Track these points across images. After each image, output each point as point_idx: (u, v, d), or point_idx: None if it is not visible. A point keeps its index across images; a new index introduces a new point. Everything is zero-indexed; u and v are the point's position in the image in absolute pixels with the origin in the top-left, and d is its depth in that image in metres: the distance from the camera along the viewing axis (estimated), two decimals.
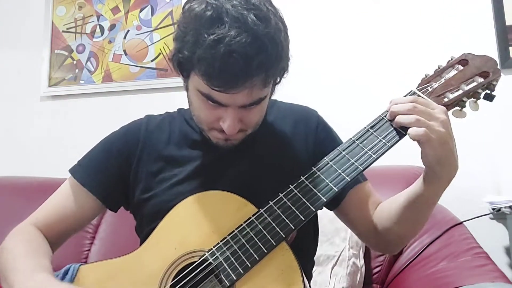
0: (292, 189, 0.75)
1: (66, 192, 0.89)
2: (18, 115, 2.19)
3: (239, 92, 0.71)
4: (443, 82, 0.79)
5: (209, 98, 0.75)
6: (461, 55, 0.81)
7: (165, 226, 0.79)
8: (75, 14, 2.19)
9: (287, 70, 0.80)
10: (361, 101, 1.67)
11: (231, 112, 0.75)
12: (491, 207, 1.49)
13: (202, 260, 0.73)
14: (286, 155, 0.88)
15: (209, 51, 0.69)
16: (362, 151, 0.74)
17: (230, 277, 0.70)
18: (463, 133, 1.64)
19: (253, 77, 0.70)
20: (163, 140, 0.90)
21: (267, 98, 0.80)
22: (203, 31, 0.69)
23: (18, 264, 0.74)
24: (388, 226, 0.83)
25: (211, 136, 0.82)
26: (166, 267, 0.74)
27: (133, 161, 0.89)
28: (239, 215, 0.75)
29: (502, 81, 1.19)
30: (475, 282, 0.93)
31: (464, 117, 0.79)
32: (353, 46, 1.80)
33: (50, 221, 0.86)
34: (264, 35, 0.69)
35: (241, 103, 0.74)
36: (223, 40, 0.67)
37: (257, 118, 0.81)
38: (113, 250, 1.54)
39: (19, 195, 1.75)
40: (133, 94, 2.03)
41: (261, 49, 0.69)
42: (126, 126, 0.95)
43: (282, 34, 0.74)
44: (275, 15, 0.74)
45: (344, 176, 0.73)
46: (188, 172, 0.86)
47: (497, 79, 0.78)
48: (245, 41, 0.68)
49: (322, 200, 0.73)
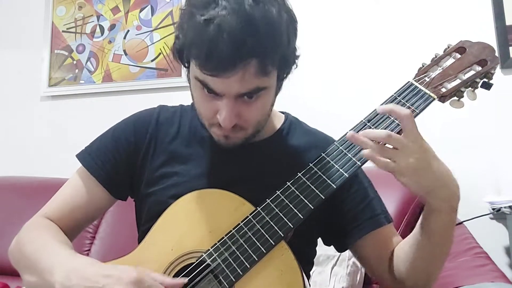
0: (289, 186, 0.73)
1: (76, 182, 0.87)
2: (18, 115, 2.19)
3: (231, 76, 0.68)
4: (441, 71, 0.77)
5: (205, 86, 0.72)
6: (458, 43, 0.79)
7: (162, 225, 0.77)
8: (75, 14, 2.19)
9: (294, 64, 0.77)
10: (360, 96, 1.67)
11: (226, 102, 0.72)
12: (491, 207, 1.49)
13: (200, 262, 0.71)
14: (291, 173, 0.78)
15: (198, 32, 0.67)
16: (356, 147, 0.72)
17: (229, 279, 0.68)
18: (463, 133, 1.65)
19: (244, 60, 0.66)
20: (171, 134, 0.88)
21: (268, 91, 0.75)
22: (196, 13, 0.68)
23: (51, 250, 0.73)
24: (404, 272, 0.77)
25: (213, 133, 0.79)
26: (163, 269, 0.72)
27: (140, 152, 0.87)
28: (237, 214, 0.73)
29: (502, 81, 1.19)
30: (475, 282, 0.93)
31: (462, 107, 0.77)
32: (352, 42, 1.80)
33: (62, 213, 0.85)
34: (259, 19, 0.66)
35: (236, 90, 0.70)
36: (213, 20, 0.65)
37: (258, 115, 0.77)
38: (113, 250, 1.54)
39: (19, 195, 1.75)
40: (133, 94, 2.03)
41: (254, 31, 0.66)
42: (137, 114, 0.92)
43: (284, 23, 0.70)
44: (281, 4, 0.71)
45: (343, 173, 0.71)
46: (190, 172, 0.84)
47: (495, 67, 0.76)
48: (236, 22, 0.65)
49: (320, 198, 0.71)
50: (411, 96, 0.74)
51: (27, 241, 0.79)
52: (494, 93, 0.75)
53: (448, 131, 1.61)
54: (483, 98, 0.72)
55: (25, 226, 0.83)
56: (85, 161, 0.87)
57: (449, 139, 1.61)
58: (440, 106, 0.71)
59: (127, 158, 0.87)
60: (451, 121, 1.60)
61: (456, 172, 0.71)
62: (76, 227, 0.87)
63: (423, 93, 0.74)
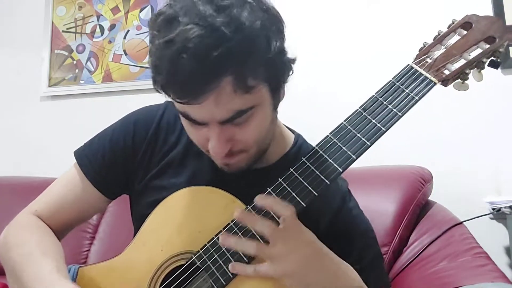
0: (281, 182, 0.68)
1: (69, 180, 0.84)
2: (18, 115, 2.19)
3: (203, 100, 0.58)
4: (444, 51, 0.70)
5: (185, 116, 0.65)
6: (464, 17, 0.72)
7: (152, 224, 0.75)
8: (75, 14, 2.18)
9: (287, 68, 0.67)
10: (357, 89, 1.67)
11: (212, 131, 0.63)
12: (491, 207, 1.48)
13: (190, 264, 0.70)
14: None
15: (159, 57, 0.58)
16: (355, 136, 0.67)
17: (219, 282, 0.66)
18: (463, 133, 1.65)
19: (215, 78, 0.57)
20: (170, 144, 0.82)
21: (260, 108, 0.65)
22: (157, 36, 0.60)
23: (35, 267, 0.69)
24: None
25: (215, 160, 0.72)
26: (153, 270, 0.71)
27: (137, 157, 0.83)
28: (227, 212, 0.70)
29: (502, 81, 1.19)
30: (475, 282, 0.93)
31: (466, 90, 0.70)
32: (350, 38, 1.80)
33: (52, 211, 0.82)
34: (225, 26, 0.56)
35: (219, 117, 0.61)
36: (173, 40, 0.56)
37: (254, 134, 0.67)
38: (113, 250, 1.53)
39: (19, 195, 1.74)
40: (133, 94, 2.03)
41: (220, 42, 0.55)
42: (139, 114, 0.86)
43: (259, 24, 0.59)
44: (254, 4, 0.61)
45: (337, 168, 0.66)
46: (180, 187, 0.77)
47: (504, 44, 0.69)
48: (196, 36, 0.55)
49: (313, 194, 0.66)
50: (410, 82, 0.69)
51: (15, 244, 0.76)
52: (494, 93, 0.74)
53: (448, 131, 1.61)
54: (483, 97, 0.72)
55: (13, 223, 0.80)
56: (81, 161, 0.84)
57: (449, 139, 1.61)
58: (440, 106, 0.70)
59: (124, 161, 0.83)
60: (451, 121, 1.60)
61: (456, 172, 0.70)
62: (66, 226, 0.84)
63: (423, 77, 0.69)
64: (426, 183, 1.38)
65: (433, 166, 1.44)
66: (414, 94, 0.68)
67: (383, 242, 1.28)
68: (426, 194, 1.39)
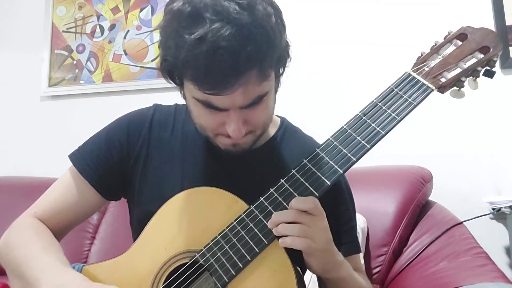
0: (283, 183, 0.71)
1: (67, 182, 0.86)
2: (18, 115, 2.19)
3: (233, 91, 0.65)
4: (440, 60, 0.73)
5: (207, 104, 0.69)
6: (459, 29, 0.75)
7: (155, 225, 0.76)
8: (75, 14, 2.18)
9: (288, 58, 0.74)
10: (357, 91, 1.67)
11: (233, 116, 0.69)
12: (491, 207, 1.48)
13: (193, 262, 0.71)
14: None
15: (191, 53, 0.63)
16: (355, 139, 0.70)
17: (223, 280, 0.68)
18: (463, 133, 1.65)
19: (245, 72, 0.63)
20: (164, 140, 0.86)
21: (270, 93, 0.73)
22: (183, 32, 0.64)
23: (40, 260, 0.72)
24: None
25: (219, 143, 0.76)
26: (156, 269, 0.72)
27: (132, 156, 0.85)
28: (230, 212, 0.72)
29: (502, 81, 1.20)
30: (475, 282, 0.93)
31: (462, 97, 0.74)
32: (349, 38, 1.80)
33: (52, 213, 0.83)
34: (250, 24, 0.62)
35: (241, 103, 0.68)
36: (205, 37, 0.61)
37: (264, 117, 0.75)
38: (113, 250, 1.54)
39: (19, 195, 1.75)
40: (133, 94, 2.03)
41: (249, 39, 0.62)
42: (131, 115, 0.90)
43: (273, 19, 0.66)
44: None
45: (338, 169, 0.69)
46: (181, 181, 0.82)
47: (498, 54, 0.73)
48: (229, 34, 0.61)
49: (314, 195, 0.69)
50: (408, 88, 0.72)
51: (16, 246, 0.77)
52: (494, 93, 0.75)
53: (448, 131, 1.61)
54: (483, 98, 0.72)
55: (14, 226, 0.82)
56: (77, 163, 0.86)
57: (449, 139, 1.61)
58: (440, 106, 0.70)
59: (120, 161, 0.85)
60: (451, 121, 1.61)
61: (456, 172, 0.70)
62: (65, 227, 0.86)
63: (421, 84, 0.72)
64: (426, 183, 1.38)
65: (433, 166, 1.45)
66: (412, 99, 0.71)
67: (383, 242, 1.29)
68: (426, 194, 1.39)
